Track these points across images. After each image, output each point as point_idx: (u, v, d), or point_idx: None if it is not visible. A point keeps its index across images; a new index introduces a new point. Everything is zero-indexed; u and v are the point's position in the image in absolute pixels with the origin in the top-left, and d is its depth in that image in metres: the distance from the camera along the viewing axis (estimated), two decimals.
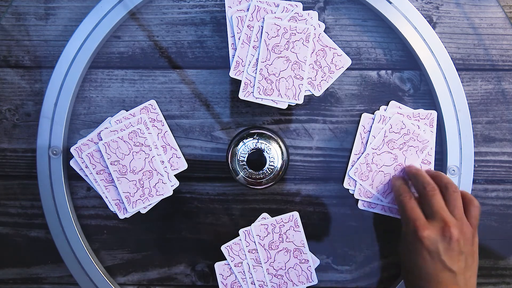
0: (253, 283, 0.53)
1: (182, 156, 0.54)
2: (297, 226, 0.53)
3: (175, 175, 0.54)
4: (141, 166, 0.53)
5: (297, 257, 0.53)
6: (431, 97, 0.54)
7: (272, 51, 0.51)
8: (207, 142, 0.55)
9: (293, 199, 0.56)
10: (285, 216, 0.53)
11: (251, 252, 0.53)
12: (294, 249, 0.53)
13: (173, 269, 0.57)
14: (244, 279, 0.53)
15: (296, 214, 0.53)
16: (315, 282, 0.53)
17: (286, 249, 0.53)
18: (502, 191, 0.56)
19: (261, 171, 0.53)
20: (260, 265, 0.53)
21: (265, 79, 0.51)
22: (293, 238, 0.53)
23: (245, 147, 0.53)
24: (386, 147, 0.53)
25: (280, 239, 0.53)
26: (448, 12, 0.55)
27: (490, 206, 0.56)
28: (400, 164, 0.52)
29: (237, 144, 0.54)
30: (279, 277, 0.53)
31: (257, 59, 0.51)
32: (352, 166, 0.53)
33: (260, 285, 0.53)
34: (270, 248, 0.53)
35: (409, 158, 0.52)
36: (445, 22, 0.55)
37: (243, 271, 0.53)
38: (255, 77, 0.51)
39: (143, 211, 0.53)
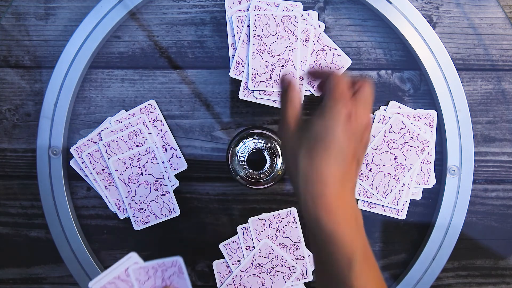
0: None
1: (182, 156, 0.54)
2: (294, 222, 0.53)
3: (175, 175, 0.54)
4: None
5: (293, 253, 0.53)
6: (431, 97, 0.54)
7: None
8: (207, 142, 0.55)
9: (293, 199, 0.56)
10: (282, 212, 0.53)
11: (249, 249, 0.53)
12: (291, 245, 0.53)
13: None
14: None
15: (293, 210, 0.53)
16: (311, 279, 0.53)
17: (283, 244, 0.53)
18: (502, 191, 0.56)
19: (261, 171, 0.53)
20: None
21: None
22: (290, 234, 0.53)
23: (245, 147, 0.53)
24: (386, 147, 0.53)
25: (277, 234, 0.53)
26: (448, 12, 0.55)
27: (490, 206, 0.56)
28: (400, 164, 0.52)
29: (237, 144, 0.54)
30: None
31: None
32: None
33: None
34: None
35: (409, 158, 0.52)
36: (445, 22, 0.55)
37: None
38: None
39: None
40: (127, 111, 0.54)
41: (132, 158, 0.53)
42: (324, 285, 0.39)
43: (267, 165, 0.53)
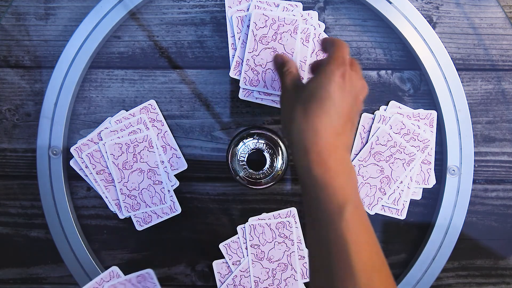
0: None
1: (182, 156, 0.54)
2: (294, 222, 0.53)
3: (175, 175, 0.54)
4: None
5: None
6: (431, 97, 0.54)
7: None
8: (207, 142, 0.55)
9: (293, 199, 0.56)
10: (282, 212, 0.53)
11: (249, 249, 0.53)
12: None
13: (173, 269, 0.57)
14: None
15: (293, 210, 0.53)
16: None
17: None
18: (502, 191, 0.56)
19: (261, 171, 0.53)
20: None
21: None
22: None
23: (245, 147, 0.53)
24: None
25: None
26: (448, 12, 0.55)
27: (490, 206, 0.56)
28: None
29: (237, 144, 0.54)
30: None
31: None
32: None
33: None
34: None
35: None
36: (445, 22, 0.55)
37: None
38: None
39: None
40: (127, 111, 0.54)
41: None
42: (313, 237, 0.39)
43: (267, 165, 0.53)
